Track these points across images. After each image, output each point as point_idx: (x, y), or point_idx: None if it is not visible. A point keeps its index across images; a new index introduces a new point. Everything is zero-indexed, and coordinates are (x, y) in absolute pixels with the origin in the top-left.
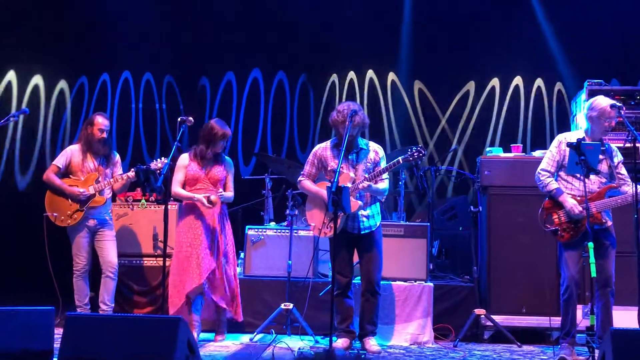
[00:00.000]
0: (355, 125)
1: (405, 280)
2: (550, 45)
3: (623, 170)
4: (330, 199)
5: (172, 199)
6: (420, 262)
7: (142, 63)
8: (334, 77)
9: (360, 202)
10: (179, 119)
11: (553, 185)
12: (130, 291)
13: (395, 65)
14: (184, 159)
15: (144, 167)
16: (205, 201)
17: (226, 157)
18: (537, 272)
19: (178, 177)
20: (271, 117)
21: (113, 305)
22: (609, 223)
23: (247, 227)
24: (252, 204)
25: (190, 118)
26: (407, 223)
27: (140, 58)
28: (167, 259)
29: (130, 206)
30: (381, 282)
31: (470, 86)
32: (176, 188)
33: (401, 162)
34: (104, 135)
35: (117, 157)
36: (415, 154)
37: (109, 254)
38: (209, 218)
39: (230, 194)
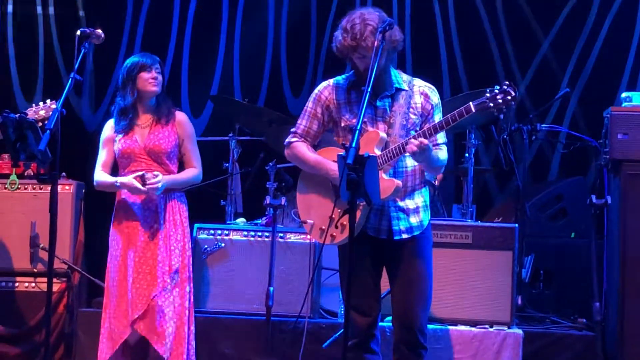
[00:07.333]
0: (388, 46)
1: (474, 323)
2: None
3: None
4: (345, 176)
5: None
6: (501, 292)
7: None
8: None
9: (397, 182)
10: (77, 32)
11: None
12: None
13: None
14: (108, 126)
15: (15, 116)
16: (135, 183)
17: (177, 110)
18: None
19: (101, 156)
20: (240, 36)
21: None
22: None
23: (196, 226)
24: (206, 187)
25: (99, 31)
26: (480, 224)
27: None
28: (55, 279)
29: None
30: (429, 328)
31: None
32: (97, 173)
33: (474, 110)
34: None
35: None
36: (499, 98)
37: None
38: (147, 215)
39: (190, 173)
